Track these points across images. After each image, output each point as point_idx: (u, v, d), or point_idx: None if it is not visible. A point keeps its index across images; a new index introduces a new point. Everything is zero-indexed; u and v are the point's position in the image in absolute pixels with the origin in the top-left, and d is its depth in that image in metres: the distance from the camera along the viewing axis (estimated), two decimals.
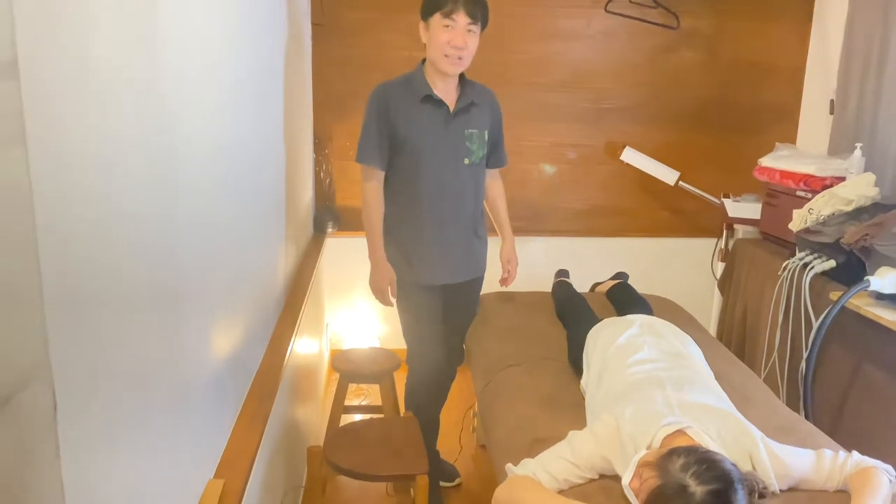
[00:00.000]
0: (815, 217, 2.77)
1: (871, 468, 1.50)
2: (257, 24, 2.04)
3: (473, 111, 2.47)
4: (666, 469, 1.34)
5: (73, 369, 0.79)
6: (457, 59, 2.32)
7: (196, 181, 1.33)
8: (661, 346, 1.97)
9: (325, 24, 3.52)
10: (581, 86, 3.74)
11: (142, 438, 1.04)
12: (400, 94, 2.41)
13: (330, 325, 3.87)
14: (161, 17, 1.14)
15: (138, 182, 1.02)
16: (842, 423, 2.55)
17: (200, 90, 1.38)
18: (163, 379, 1.14)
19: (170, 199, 1.17)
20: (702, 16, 3.71)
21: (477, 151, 2.48)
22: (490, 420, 2.14)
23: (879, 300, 2.33)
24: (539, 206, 3.85)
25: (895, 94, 2.97)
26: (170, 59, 1.18)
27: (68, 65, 0.79)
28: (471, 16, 2.28)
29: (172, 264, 1.19)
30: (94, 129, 0.87)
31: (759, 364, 2.98)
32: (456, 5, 2.26)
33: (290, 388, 2.37)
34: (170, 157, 1.18)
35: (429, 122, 2.41)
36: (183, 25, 1.26)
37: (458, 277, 2.60)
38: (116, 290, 0.94)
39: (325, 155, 3.71)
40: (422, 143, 2.40)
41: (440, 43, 2.30)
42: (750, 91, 3.82)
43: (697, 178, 3.70)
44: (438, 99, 2.40)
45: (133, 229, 1.00)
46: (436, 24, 2.30)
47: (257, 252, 2.02)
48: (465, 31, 2.30)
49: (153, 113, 1.10)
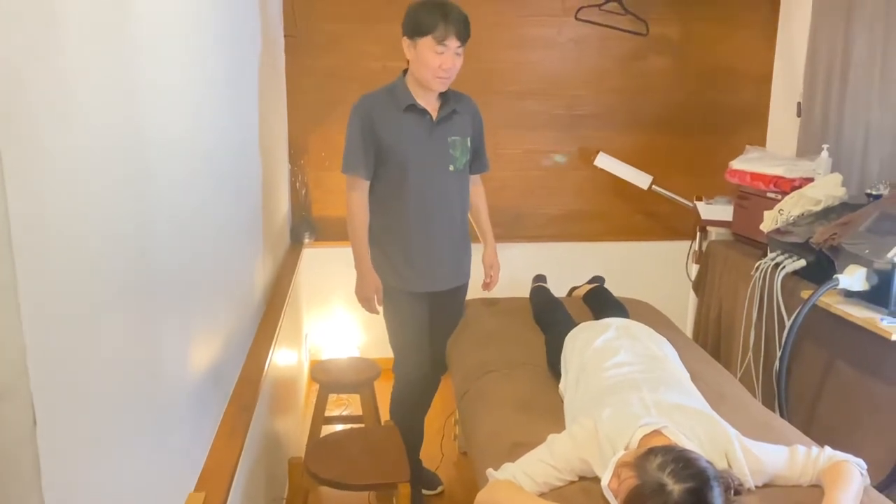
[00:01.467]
0: (785, 218, 2.82)
1: (844, 462, 1.54)
2: (231, 36, 2.04)
3: (455, 118, 2.51)
4: (644, 468, 1.36)
5: (52, 383, 0.79)
6: (446, 79, 2.39)
7: (172, 193, 1.33)
8: (637, 348, 2.00)
9: (297, 36, 3.53)
10: (554, 93, 3.79)
11: (122, 452, 1.04)
12: (383, 105, 2.44)
13: (308, 336, 3.86)
14: (135, 27, 1.14)
15: (114, 195, 1.03)
16: (815, 419, 2.60)
17: (175, 101, 1.38)
18: (142, 392, 1.14)
19: (146, 212, 1.17)
20: (670, 22, 3.77)
21: (460, 158, 2.52)
22: (470, 426, 2.15)
23: (848, 297, 2.38)
24: (516, 212, 3.88)
25: (859, 97, 3.04)
26: (145, 68, 1.18)
27: (44, 71, 0.80)
28: (461, 39, 2.35)
29: (150, 276, 1.19)
30: (69, 137, 0.87)
31: (734, 363, 3.03)
32: (448, 31, 2.30)
33: (269, 399, 2.36)
34: (146, 169, 1.18)
35: (413, 131, 2.45)
36: (158, 36, 1.26)
37: (444, 285, 2.63)
38: (94, 302, 0.94)
39: (300, 165, 3.71)
40: (407, 152, 2.44)
41: (432, 67, 2.35)
42: (719, 95, 3.89)
43: (670, 181, 3.75)
44: (422, 108, 2.44)
45: (110, 241, 1.00)
46: (426, 47, 2.33)
47: (235, 263, 2.02)
48: (455, 55, 2.36)
49: (127, 122, 1.10)
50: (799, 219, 2.77)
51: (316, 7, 3.55)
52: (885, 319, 2.19)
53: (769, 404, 2.68)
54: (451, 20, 2.30)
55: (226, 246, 1.88)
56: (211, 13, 1.77)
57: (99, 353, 0.96)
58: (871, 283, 2.27)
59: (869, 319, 2.22)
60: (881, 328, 2.17)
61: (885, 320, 2.19)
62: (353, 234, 2.52)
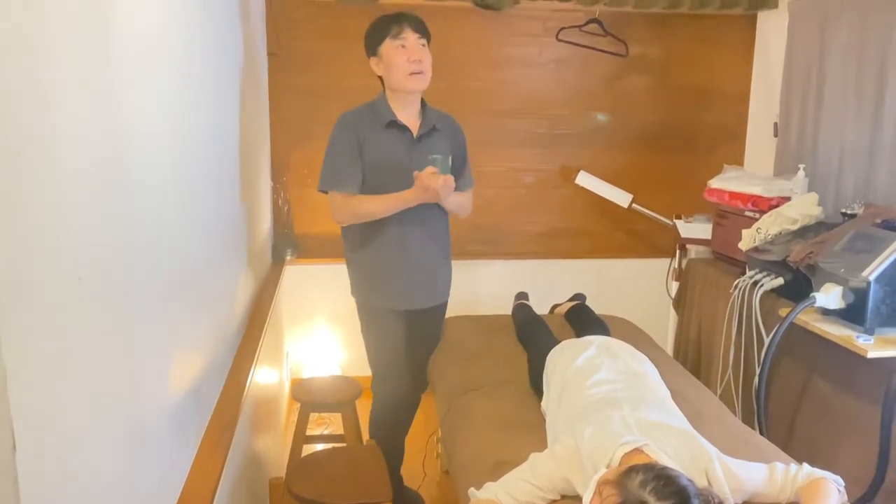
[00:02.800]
0: (763, 236, 2.86)
1: (822, 479, 1.55)
2: (212, 54, 2.05)
3: (436, 136, 2.52)
4: (625, 486, 1.37)
5: (31, 406, 0.78)
6: (420, 73, 2.38)
7: (151, 209, 1.33)
8: (618, 366, 2.01)
9: (280, 54, 3.54)
10: (535, 112, 3.82)
11: (101, 473, 1.03)
12: (365, 121, 2.46)
13: (290, 354, 3.83)
14: (116, 44, 1.14)
15: (91, 212, 1.02)
16: (794, 436, 2.62)
17: (154, 120, 1.38)
18: (122, 411, 1.13)
19: (125, 228, 1.17)
20: (649, 43, 3.83)
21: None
22: (452, 445, 2.15)
23: (825, 315, 2.41)
24: (498, 230, 3.90)
25: (834, 118, 3.10)
26: (126, 86, 1.18)
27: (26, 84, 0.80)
28: (418, 31, 2.39)
29: (129, 294, 1.18)
30: (46, 156, 0.87)
31: (714, 380, 3.05)
32: (402, 25, 2.37)
33: (250, 418, 2.35)
34: (125, 185, 1.17)
35: (393, 147, 2.45)
36: (139, 54, 1.27)
37: (423, 303, 2.62)
38: (73, 322, 0.94)
39: (283, 182, 3.71)
40: (387, 169, 2.43)
41: (399, 63, 2.36)
42: (698, 115, 3.94)
43: (650, 199, 3.79)
44: (402, 124, 2.45)
45: (87, 259, 1.00)
46: (389, 50, 2.38)
47: (216, 281, 2.01)
48: (419, 47, 2.38)
49: (105, 141, 1.10)
50: (777, 237, 2.81)
51: (299, 25, 3.56)
52: (860, 337, 2.22)
53: (749, 421, 2.71)
54: (403, 17, 2.38)
55: (206, 264, 1.88)
56: (193, 31, 1.78)
57: (78, 374, 0.96)
58: (847, 301, 2.31)
59: (845, 337, 2.26)
60: (857, 346, 2.20)
61: (860, 338, 2.22)
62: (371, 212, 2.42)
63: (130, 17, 1.22)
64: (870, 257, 2.28)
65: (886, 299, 2.24)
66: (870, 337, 2.22)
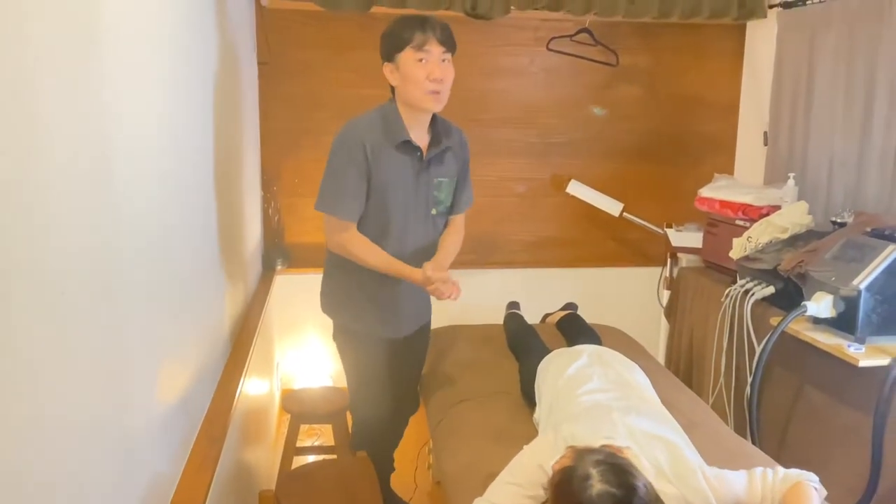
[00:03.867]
0: (753, 245, 2.87)
1: (802, 483, 1.55)
2: (200, 63, 2.04)
3: (446, 157, 2.32)
4: (582, 457, 1.40)
5: (16, 417, 0.77)
6: (437, 92, 2.13)
7: (139, 221, 1.32)
8: (610, 375, 2.00)
9: (271, 63, 3.53)
10: (527, 121, 3.83)
11: (86, 488, 1.01)
12: (376, 139, 2.18)
13: (280, 365, 3.81)
14: (101, 53, 1.13)
15: (74, 225, 1.01)
16: (786, 445, 2.62)
17: (141, 130, 1.37)
18: (110, 423, 1.12)
19: (111, 240, 1.15)
20: (639, 53, 3.84)
21: (444, 201, 2.35)
22: (444, 457, 2.13)
23: (817, 324, 2.41)
24: (489, 239, 3.89)
25: (823, 127, 3.11)
26: (110, 96, 1.17)
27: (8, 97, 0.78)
28: (444, 45, 2.12)
29: (116, 305, 1.17)
30: (31, 168, 0.86)
31: (706, 389, 3.05)
32: (427, 36, 2.09)
33: (240, 430, 2.32)
34: (112, 197, 1.16)
35: (401, 170, 2.22)
36: (124, 63, 1.25)
37: (407, 331, 2.47)
38: (59, 333, 0.92)
39: (273, 192, 3.69)
40: (392, 193, 2.22)
41: (418, 80, 2.10)
42: (688, 123, 3.96)
43: (641, 208, 3.80)
44: (415, 145, 2.22)
45: (73, 271, 0.98)
46: (408, 61, 2.11)
47: (205, 292, 1.99)
48: (441, 62, 2.12)
49: (92, 152, 1.09)
50: (767, 246, 2.82)
51: (289, 34, 3.56)
52: (851, 346, 2.23)
53: (741, 430, 2.70)
54: (429, 26, 2.10)
55: (194, 274, 1.86)
56: (181, 40, 1.77)
57: (64, 387, 0.94)
58: (837, 309, 2.31)
59: (836, 346, 2.26)
60: (848, 354, 2.20)
61: (851, 347, 2.22)
62: (364, 261, 2.22)
63: (117, 27, 1.21)
64: (860, 266, 2.29)
65: (877, 308, 2.25)
66: (861, 346, 2.23)
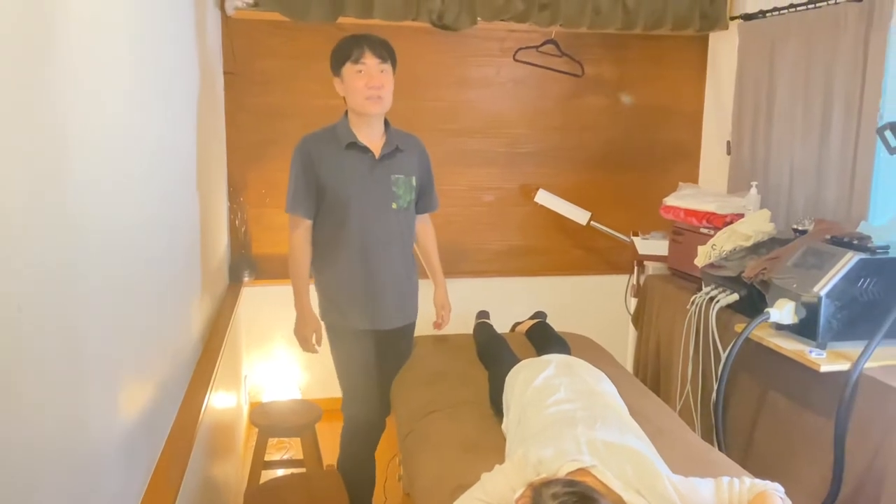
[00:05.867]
0: (717, 252, 2.91)
1: (767, 493, 1.57)
2: (164, 72, 2.01)
3: (399, 157, 2.52)
4: (539, 494, 1.39)
5: None
6: (377, 98, 2.38)
7: (99, 234, 1.29)
8: (577, 385, 2.01)
9: (237, 73, 3.50)
10: (495, 131, 3.85)
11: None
12: (323, 144, 2.46)
13: (248, 377, 3.76)
14: (60, 60, 1.11)
15: (31, 237, 0.99)
16: (753, 451, 2.65)
17: (101, 140, 1.35)
18: (64, 445, 1.09)
19: (71, 252, 1.13)
20: (605, 63, 3.89)
21: (404, 196, 2.52)
22: (413, 469, 2.12)
23: (779, 330, 2.45)
24: (460, 248, 3.89)
25: (784, 136, 3.18)
26: (68, 108, 1.15)
27: None
28: (379, 56, 2.38)
29: (72, 323, 1.14)
30: None
31: (674, 395, 3.08)
32: (362, 50, 2.36)
33: (206, 446, 2.29)
34: (72, 209, 1.14)
35: (354, 168, 2.45)
36: (86, 70, 1.23)
37: (388, 323, 2.60)
38: (9, 353, 0.90)
39: (240, 203, 3.66)
40: (347, 190, 2.44)
41: (358, 88, 2.37)
42: (653, 133, 4.01)
43: (608, 217, 3.84)
44: (363, 145, 2.45)
45: (31, 280, 0.96)
46: (349, 74, 2.39)
47: (169, 305, 1.96)
48: (379, 72, 2.38)
49: (46, 160, 1.07)
50: (731, 254, 2.86)
51: (256, 44, 3.54)
52: (813, 351, 2.27)
53: (708, 436, 2.73)
54: (364, 41, 2.38)
55: (157, 287, 1.83)
56: (144, 49, 1.74)
57: (20, 406, 0.92)
58: (799, 316, 2.35)
59: (798, 352, 2.30)
60: (810, 360, 2.24)
61: (813, 352, 2.26)
62: (293, 272, 2.53)
63: (78, 34, 1.19)
64: (820, 273, 2.33)
65: (837, 314, 2.29)
66: (822, 351, 2.27)
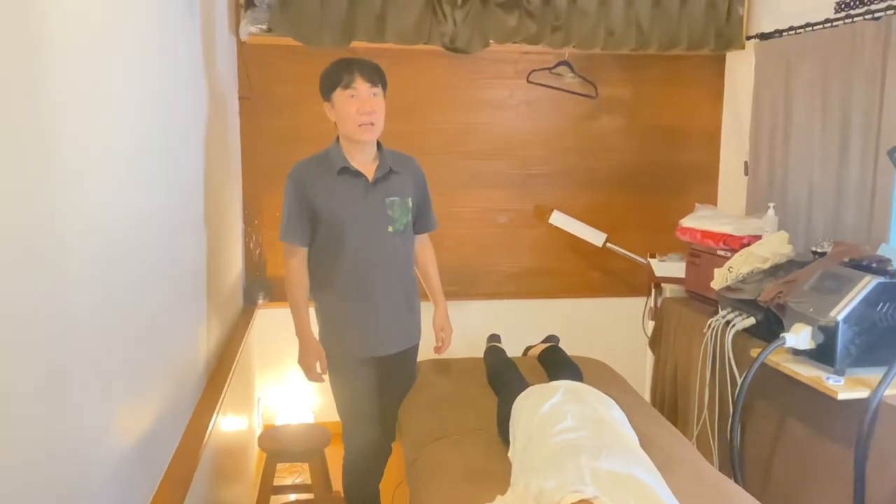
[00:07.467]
0: (734, 275, 2.85)
1: None
2: (177, 99, 2.03)
3: (394, 179, 2.48)
4: None
5: None
6: (369, 124, 2.36)
7: (93, 262, 1.29)
8: (585, 412, 1.97)
9: (252, 98, 3.54)
10: (508, 153, 3.83)
11: None
12: (315, 171, 2.44)
13: (262, 400, 3.75)
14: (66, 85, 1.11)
15: (32, 260, 0.98)
16: (771, 480, 2.58)
17: (108, 162, 1.35)
18: (50, 476, 1.08)
19: (56, 281, 1.13)
20: (620, 84, 3.86)
21: (400, 219, 2.47)
22: (419, 496, 2.08)
23: (796, 356, 2.38)
24: (472, 270, 3.87)
25: (802, 157, 3.12)
26: (72, 131, 1.15)
27: None
28: (370, 81, 2.35)
29: (61, 348, 1.14)
30: None
31: (691, 421, 3.01)
32: (353, 75, 2.34)
33: (212, 471, 2.27)
34: (69, 234, 1.13)
35: (347, 193, 2.42)
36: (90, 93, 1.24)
37: (390, 349, 2.54)
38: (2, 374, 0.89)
39: (255, 226, 3.68)
40: (342, 215, 2.41)
41: (350, 114, 2.35)
42: (670, 154, 3.97)
43: (624, 238, 3.79)
44: (355, 170, 2.42)
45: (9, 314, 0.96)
46: (340, 99, 2.36)
47: (172, 329, 1.96)
48: (370, 97, 2.36)
49: (42, 179, 1.06)
50: (748, 276, 2.80)
51: (270, 69, 3.57)
52: (830, 378, 2.20)
53: (725, 464, 2.66)
54: (355, 66, 2.36)
55: (166, 310, 1.83)
56: (158, 74, 1.76)
57: (7, 435, 0.91)
58: (816, 341, 2.29)
59: (815, 378, 2.23)
60: (827, 387, 2.17)
61: (830, 379, 2.20)
62: (291, 301, 2.50)
63: (88, 58, 1.20)
64: (837, 297, 2.27)
65: (855, 339, 2.23)
66: (840, 378, 2.20)
